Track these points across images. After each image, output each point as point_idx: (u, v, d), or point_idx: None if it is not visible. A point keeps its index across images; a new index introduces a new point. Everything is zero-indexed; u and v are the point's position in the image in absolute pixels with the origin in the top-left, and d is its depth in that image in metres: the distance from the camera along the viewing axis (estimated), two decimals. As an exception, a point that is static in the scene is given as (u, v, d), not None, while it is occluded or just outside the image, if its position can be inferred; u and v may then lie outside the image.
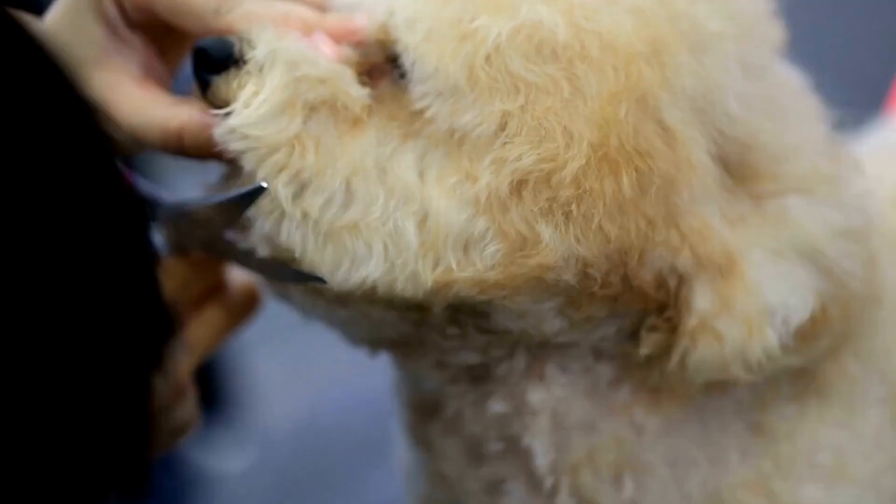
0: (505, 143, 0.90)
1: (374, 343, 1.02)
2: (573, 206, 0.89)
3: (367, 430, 1.96)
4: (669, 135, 0.90)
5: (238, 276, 1.04)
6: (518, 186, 0.89)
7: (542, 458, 1.00)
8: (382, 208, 0.92)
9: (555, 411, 0.99)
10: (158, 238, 1.00)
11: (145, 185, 1.00)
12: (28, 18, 0.73)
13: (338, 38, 0.96)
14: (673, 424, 1.00)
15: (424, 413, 1.04)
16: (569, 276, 0.90)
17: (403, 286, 0.91)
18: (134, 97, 0.98)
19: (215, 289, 1.04)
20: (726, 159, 0.95)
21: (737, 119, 0.94)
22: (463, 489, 1.05)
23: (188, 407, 1.02)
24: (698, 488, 1.01)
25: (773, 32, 1.00)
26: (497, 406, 0.99)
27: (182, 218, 0.97)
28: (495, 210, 0.90)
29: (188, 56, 0.98)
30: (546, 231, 0.89)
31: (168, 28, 0.99)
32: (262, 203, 0.92)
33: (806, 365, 0.99)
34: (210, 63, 0.95)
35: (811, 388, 1.03)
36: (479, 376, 1.00)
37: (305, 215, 0.92)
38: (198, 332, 1.03)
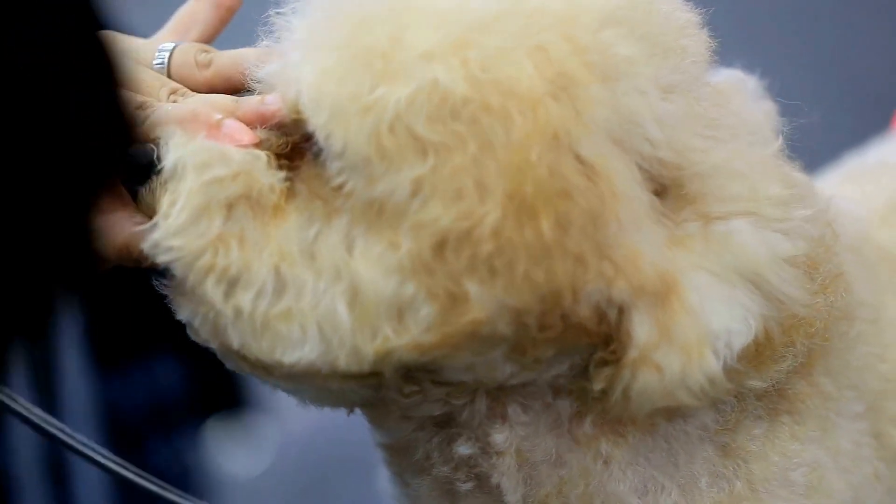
0: (420, 208, 0.91)
1: (342, 405, 1.04)
2: (495, 260, 0.90)
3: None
4: (589, 169, 0.91)
5: None
6: (439, 247, 0.91)
7: (512, 494, 1.02)
8: (313, 292, 0.94)
9: (519, 449, 1.01)
10: None
11: None
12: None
13: (253, 123, 0.98)
14: (639, 453, 1.02)
15: (396, 453, 1.07)
16: (503, 328, 0.92)
17: (346, 362, 0.94)
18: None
19: None
20: (660, 183, 0.96)
21: (659, 143, 0.94)
22: None
23: None
24: None
25: (697, 45, 1.00)
26: (463, 449, 1.02)
27: None
28: (421, 273, 0.91)
29: None
30: (472, 288, 0.91)
31: None
32: (198, 307, 0.96)
33: (770, 386, 1.01)
34: (134, 174, 0.98)
35: (782, 406, 1.05)
36: (444, 421, 1.02)
37: (238, 311, 0.95)
38: None
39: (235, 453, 2.69)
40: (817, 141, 1.09)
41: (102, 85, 0.78)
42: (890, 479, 1.11)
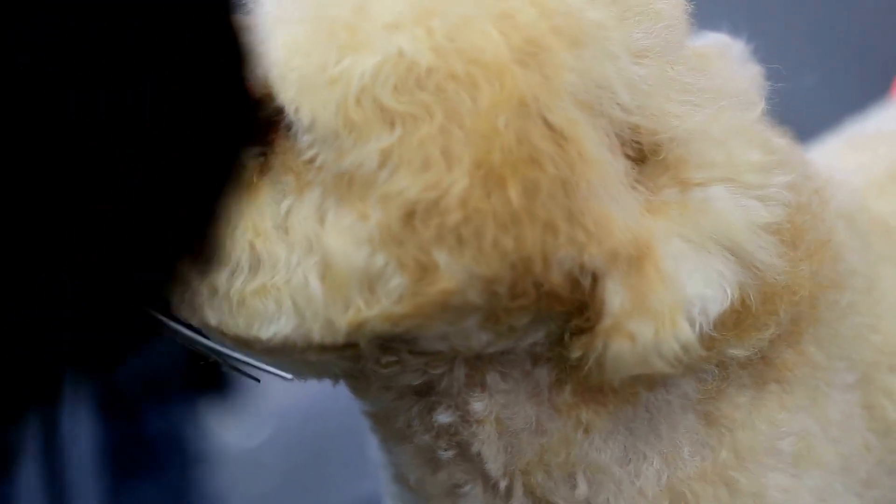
0: (388, 179, 0.91)
1: (326, 377, 1.05)
2: (463, 229, 0.90)
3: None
4: (558, 135, 0.91)
5: None
6: (408, 218, 0.91)
7: (493, 462, 1.02)
8: (286, 266, 0.94)
9: (499, 417, 1.01)
10: None
11: None
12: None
13: None
14: (620, 422, 1.02)
15: (379, 421, 1.08)
16: (474, 297, 0.91)
17: (321, 334, 0.94)
18: None
19: None
20: (636, 149, 0.95)
21: (631, 108, 0.94)
22: (424, 492, 1.08)
23: None
24: (653, 484, 1.03)
25: (673, 8, 0.99)
26: (443, 417, 1.02)
27: None
28: (391, 244, 0.91)
29: None
30: (441, 257, 0.90)
31: None
32: (175, 287, 0.96)
33: (754, 354, 1.00)
34: None
35: (769, 375, 1.05)
36: (424, 390, 1.02)
37: (214, 290, 0.96)
38: None
39: (233, 424, 2.69)
40: (816, 106, 1.08)
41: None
42: (880, 451, 1.10)
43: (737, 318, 0.95)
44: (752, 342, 0.98)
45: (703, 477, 1.03)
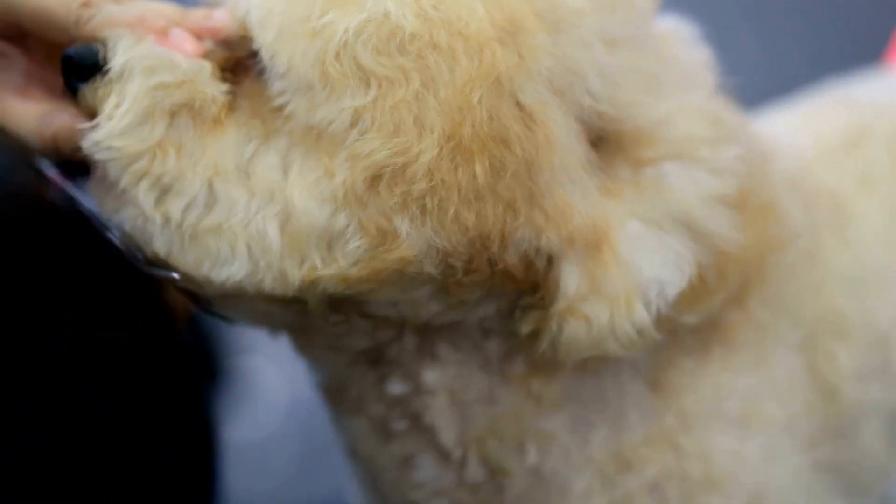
0: (358, 139, 0.93)
1: (269, 327, 1.07)
2: (427, 199, 0.92)
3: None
4: (527, 116, 0.93)
5: None
6: (374, 181, 0.93)
7: (446, 433, 1.05)
8: (244, 210, 0.96)
9: (451, 388, 1.03)
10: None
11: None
12: None
13: (200, 34, 1.00)
14: (570, 392, 1.04)
15: (332, 394, 1.10)
16: (430, 268, 0.94)
17: (272, 285, 0.96)
18: (13, 109, 1.01)
19: None
20: (599, 134, 0.97)
21: (600, 96, 0.96)
22: (376, 465, 1.10)
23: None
24: (600, 450, 1.05)
25: None
26: (395, 387, 1.04)
27: None
28: (354, 206, 0.93)
29: None
30: (403, 225, 0.93)
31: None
32: (128, 211, 0.97)
33: (703, 320, 1.02)
34: (77, 71, 0.98)
35: (714, 337, 1.07)
36: (375, 359, 1.05)
37: (167, 219, 0.97)
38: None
39: (240, 417, 2.70)
40: (798, 69, 1.07)
41: None
42: (823, 413, 1.12)
43: (693, 293, 0.98)
44: (705, 309, 1.00)
45: (649, 442, 1.05)
